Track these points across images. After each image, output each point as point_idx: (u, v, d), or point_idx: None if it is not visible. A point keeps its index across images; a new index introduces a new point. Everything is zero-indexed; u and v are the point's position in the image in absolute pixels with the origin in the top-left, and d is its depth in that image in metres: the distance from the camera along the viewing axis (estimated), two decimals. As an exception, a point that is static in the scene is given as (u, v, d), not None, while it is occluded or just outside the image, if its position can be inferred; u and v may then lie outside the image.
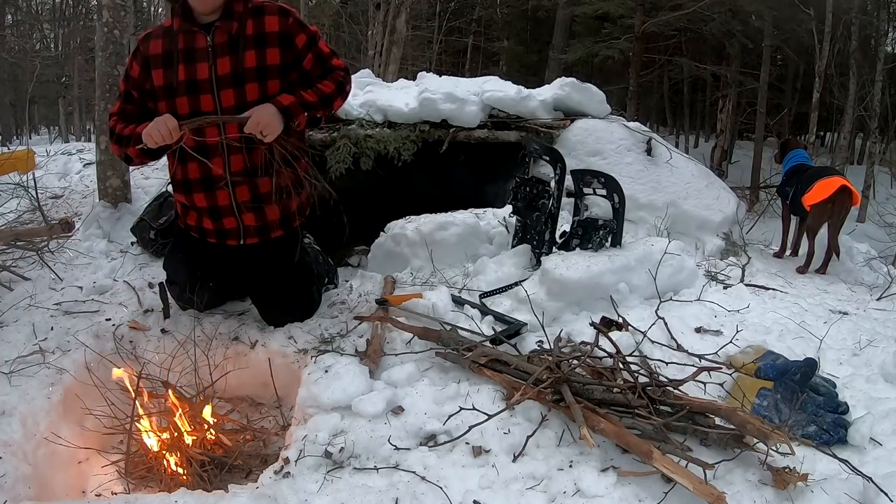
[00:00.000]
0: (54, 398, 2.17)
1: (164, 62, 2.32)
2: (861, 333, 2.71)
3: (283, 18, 2.33)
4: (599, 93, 4.54)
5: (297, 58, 2.36)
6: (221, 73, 2.28)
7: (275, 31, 2.31)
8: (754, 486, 1.75)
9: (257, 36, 2.30)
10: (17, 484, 1.83)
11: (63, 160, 5.48)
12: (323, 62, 2.42)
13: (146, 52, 2.35)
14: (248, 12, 2.31)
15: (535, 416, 2.00)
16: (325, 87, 2.37)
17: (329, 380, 2.11)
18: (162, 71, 2.32)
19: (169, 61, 2.31)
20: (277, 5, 2.35)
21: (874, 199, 12.19)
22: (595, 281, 2.75)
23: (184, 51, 2.29)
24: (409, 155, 4.05)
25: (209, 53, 2.28)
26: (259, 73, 2.30)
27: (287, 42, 2.33)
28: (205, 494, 1.77)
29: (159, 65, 2.32)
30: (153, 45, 2.35)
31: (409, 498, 1.72)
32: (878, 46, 12.42)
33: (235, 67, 2.28)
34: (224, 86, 2.29)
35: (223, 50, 2.28)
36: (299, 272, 2.66)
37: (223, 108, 2.29)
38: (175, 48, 2.30)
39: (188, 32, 2.29)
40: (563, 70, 13.31)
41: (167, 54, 2.32)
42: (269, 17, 2.32)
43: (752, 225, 4.94)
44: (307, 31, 2.39)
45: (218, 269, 2.63)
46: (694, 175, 4.26)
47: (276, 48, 2.31)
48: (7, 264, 3.04)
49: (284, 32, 2.32)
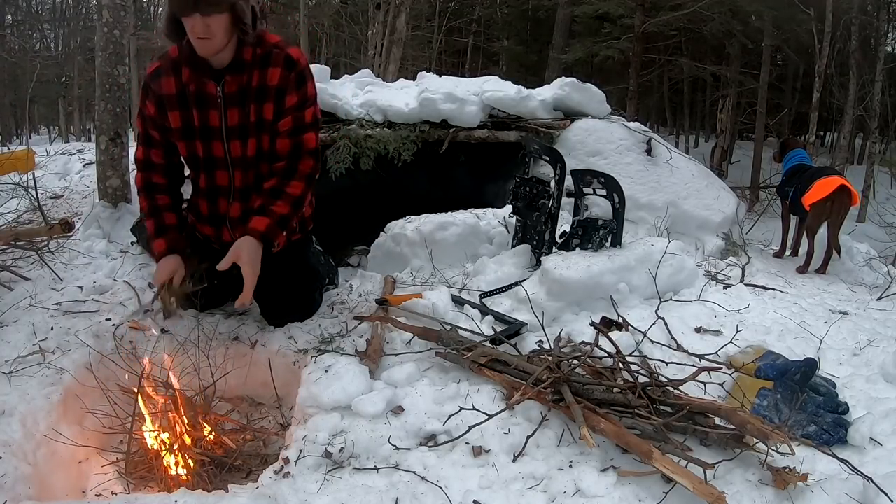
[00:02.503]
0: (54, 398, 2.17)
1: (179, 104, 2.28)
2: (861, 333, 2.71)
3: (286, 72, 2.25)
4: (599, 93, 4.54)
5: (279, 115, 2.29)
6: (231, 123, 2.29)
7: (274, 86, 2.25)
8: (754, 486, 1.75)
9: (259, 88, 2.26)
10: (17, 484, 1.82)
11: (63, 160, 5.48)
12: (296, 133, 2.30)
13: (159, 91, 2.30)
14: (257, 61, 2.24)
15: (535, 416, 2.00)
16: (294, 189, 2.30)
17: (329, 380, 2.11)
18: (178, 113, 2.29)
19: (183, 103, 2.28)
20: (285, 54, 2.26)
21: (874, 199, 12.20)
22: (595, 281, 2.75)
23: (195, 94, 2.26)
24: (409, 155, 4.06)
25: (220, 103, 2.26)
26: (258, 126, 2.29)
27: (280, 97, 2.27)
28: (205, 494, 1.77)
29: (175, 106, 2.29)
30: (165, 84, 2.29)
31: (409, 498, 1.72)
32: (878, 46, 12.43)
33: (242, 120, 2.28)
34: (232, 136, 2.30)
35: (232, 101, 2.26)
36: (306, 275, 2.67)
37: (231, 156, 2.33)
38: (187, 89, 2.27)
39: (199, 78, 2.26)
40: (563, 70, 13.31)
41: (180, 95, 2.28)
42: (273, 70, 2.24)
43: (752, 225, 4.94)
44: (301, 93, 2.28)
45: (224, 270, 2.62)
46: (694, 175, 4.27)
47: (272, 102, 2.27)
48: (7, 264, 3.04)
49: (281, 87, 2.25)
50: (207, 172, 2.40)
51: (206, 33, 2.06)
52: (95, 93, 3.74)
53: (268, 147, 2.32)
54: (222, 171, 2.38)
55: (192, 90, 2.26)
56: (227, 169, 2.37)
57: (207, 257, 2.56)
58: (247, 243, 2.25)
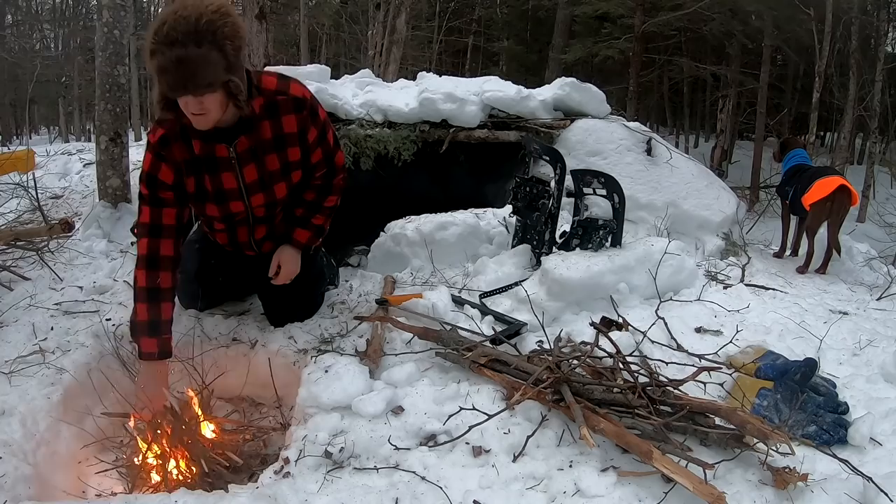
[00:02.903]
0: (54, 398, 2.17)
1: (194, 169, 2.21)
2: (861, 333, 2.71)
3: (299, 115, 2.21)
4: (599, 93, 4.54)
5: (306, 151, 2.32)
6: (249, 180, 2.26)
7: (294, 132, 2.24)
8: (754, 486, 1.75)
9: (276, 139, 2.22)
10: (17, 484, 1.82)
11: (63, 160, 5.48)
12: (329, 160, 2.42)
13: (171, 157, 2.18)
14: (264, 113, 2.16)
15: (535, 416, 2.00)
16: (330, 202, 2.48)
17: (329, 380, 2.11)
18: (193, 179, 2.23)
19: (196, 169, 2.21)
20: (292, 98, 2.19)
21: (874, 199, 12.20)
22: (595, 281, 2.75)
23: (205, 160, 2.19)
24: (409, 155, 4.06)
25: (234, 164, 2.21)
26: (283, 171, 2.30)
27: (302, 138, 2.27)
28: (205, 494, 1.77)
29: (190, 172, 2.22)
30: (177, 150, 2.18)
31: (409, 498, 1.72)
32: (878, 46, 12.42)
33: (261, 174, 2.26)
34: (253, 191, 2.30)
35: (246, 158, 2.21)
36: (314, 277, 2.69)
37: (253, 208, 2.34)
38: (194, 155, 2.18)
39: (206, 144, 2.16)
40: (563, 70, 13.32)
41: (193, 161, 2.20)
42: (286, 118, 2.20)
43: (752, 225, 4.94)
44: (318, 124, 2.29)
45: (231, 265, 2.65)
46: (694, 175, 4.26)
47: (297, 146, 2.28)
48: (7, 264, 3.04)
49: (301, 129, 2.25)
50: (226, 223, 2.42)
51: (200, 110, 1.95)
52: (95, 93, 3.74)
53: (299, 179, 2.38)
54: (241, 218, 2.39)
55: (201, 155, 2.18)
56: (246, 215, 2.39)
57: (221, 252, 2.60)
58: (288, 254, 2.45)
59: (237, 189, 2.26)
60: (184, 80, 1.83)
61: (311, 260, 2.62)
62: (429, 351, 2.35)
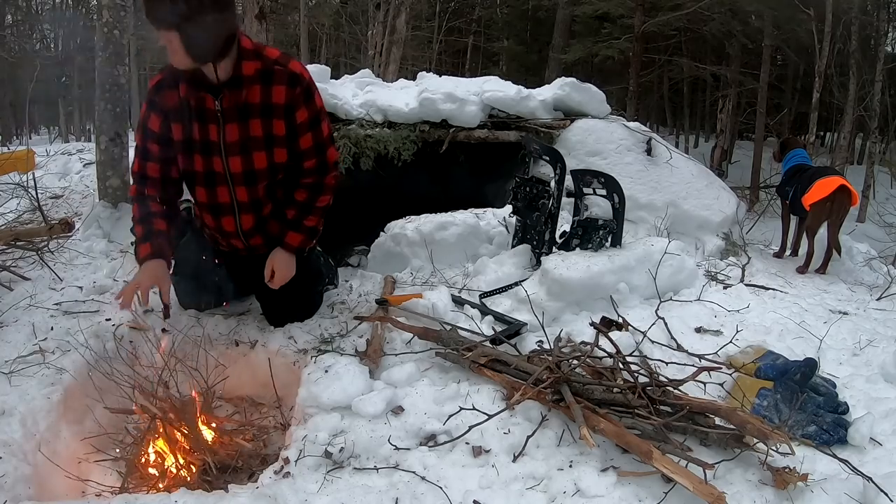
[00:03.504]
0: (54, 398, 2.16)
1: (181, 116, 2.29)
2: (861, 333, 2.71)
3: (291, 90, 2.25)
4: (599, 93, 4.54)
5: (293, 132, 2.32)
6: (230, 139, 2.28)
7: (281, 104, 2.26)
8: (754, 486, 1.75)
9: (264, 106, 2.26)
10: (16, 484, 1.82)
11: (63, 160, 5.49)
12: (320, 151, 2.38)
13: (163, 104, 2.30)
14: (258, 76, 2.23)
15: (535, 416, 2.00)
16: (322, 202, 2.44)
17: (329, 380, 2.11)
18: (180, 126, 2.30)
19: (184, 116, 2.29)
20: (289, 71, 2.26)
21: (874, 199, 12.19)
22: (595, 281, 2.75)
23: (196, 109, 2.27)
24: (409, 155, 4.06)
25: (218, 117, 2.26)
26: (266, 142, 2.30)
27: (290, 114, 2.29)
28: (205, 494, 1.77)
29: (177, 119, 2.30)
30: (168, 96, 2.29)
31: (409, 498, 1.72)
32: (878, 46, 12.42)
33: (243, 136, 2.28)
34: (232, 152, 2.30)
35: (231, 116, 2.26)
36: (310, 277, 2.68)
37: (231, 172, 2.33)
38: (187, 103, 2.27)
39: (196, 92, 2.25)
40: (563, 70, 13.32)
41: (182, 108, 2.28)
42: (277, 88, 2.25)
43: (752, 225, 4.93)
44: (311, 107, 2.31)
45: (228, 265, 2.65)
46: (694, 175, 4.26)
47: (282, 120, 2.29)
48: (7, 264, 3.04)
49: (290, 104, 2.27)
50: (208, 188, 2.39)
51: (166, 44, 2.07)
52: (95, 93, 3.74)
53: (284, 159, 2.35)
54: (222, 186, 2.37)
55: (193, 104, 2.26)
56: (227, 184, 2.36)
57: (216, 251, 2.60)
58: (281, 257, 2.42)
59: (218, 144, 2.28)
60: (148, 10, 2.05)
61: (307, 260, 2.60)
62: (429, 351, 2.35)
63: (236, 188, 2.36)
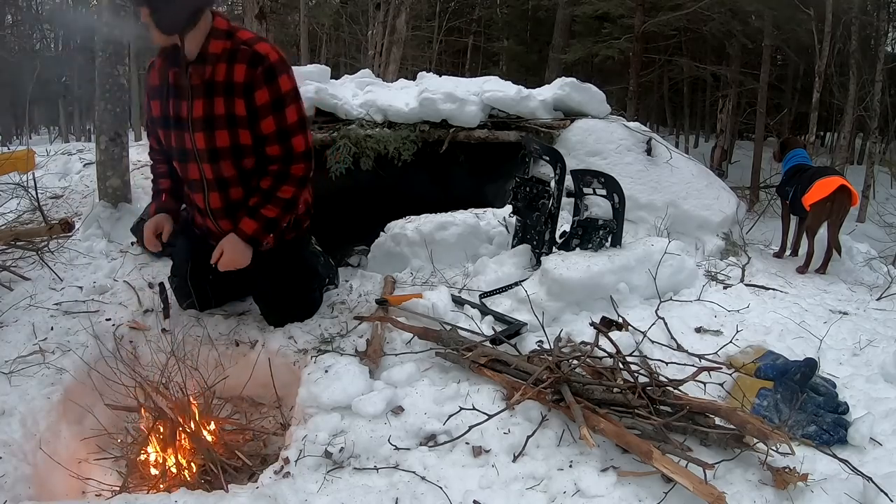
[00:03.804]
0: (54, 398, 2.17)
1: (160, 94, 2.38)
2: (861, 333, 2.71)
3: (251, 69, 2.23)
4: (599, 93, 4.54)
5: (254, 114, 2.28)
6: (196, 115, 2.30)
7: (240, 83, 2.25)
8: (754, 486, 1.75)
9: (227, 84, 2.26)
10: (17, 484, 1.83)
11: (63, 160, 5.48)
12: (283, 137, 2.31)
13: (150, 83, 2.44)
14: (224, 55, 2.25)
15: (535, 416, 2.01)
16: (285, 193, 2.35)
17: (329, 380, 2.11)
18: (158, 102, 2.39)
19: (162, 93, 2.37)
20: (252, 51, 2.25)
21: (874, 199, 12.19)
22: (595, 281, 2.75)
23: (173, 85, 2.33)
24: (409, 155, 4.05)
25: (188, 94, 2.30)
26: (229, 121, 2.29)
27: (248, 93, 2.25)
28: (205, 494, 1.77)
29: (155, 95, 2.40)
30: (152, 76, 2.42)
31: (409, 498, 1.72)
32: (878, 46, 12.42)
33: (207, 112, 2.28)
34: (197, 128, 2.31)
35: (198, 93, 2.28)
36: (303, 274, 2.67)
37: (198, 148, 2.33)
38: (166, 80, 2.34)
39: (173, 68, 2.32)
40: (563, 70, 13.31)
41: (161, 86, 2.37)
42: (238, 66, 2.24)
43: (752, 225, 4.93)
44: (273, 89, 2.26)
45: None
46: (694, 175, 4.26)
47: (242, 99, 2.26)
48: (7, 264, 3.04)
49: (248, 83, 2.24)
50: (180, 163, 2.45)
51: (144, 20, 2.21)
52: (95, 93, 3.74)
53: (248, 141, 2.32)
54: (192, 163, 2.39)
55: (171, 81, 2.32)
56: (195, 161, 2.37)
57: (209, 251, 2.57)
58: (231, 242, 2.37)
59: (186, 120, 2.31)
60: None
61: (299, 258, 2.60)
62: (429, 351, 2.35)
63: (203, 165, 2.37)
